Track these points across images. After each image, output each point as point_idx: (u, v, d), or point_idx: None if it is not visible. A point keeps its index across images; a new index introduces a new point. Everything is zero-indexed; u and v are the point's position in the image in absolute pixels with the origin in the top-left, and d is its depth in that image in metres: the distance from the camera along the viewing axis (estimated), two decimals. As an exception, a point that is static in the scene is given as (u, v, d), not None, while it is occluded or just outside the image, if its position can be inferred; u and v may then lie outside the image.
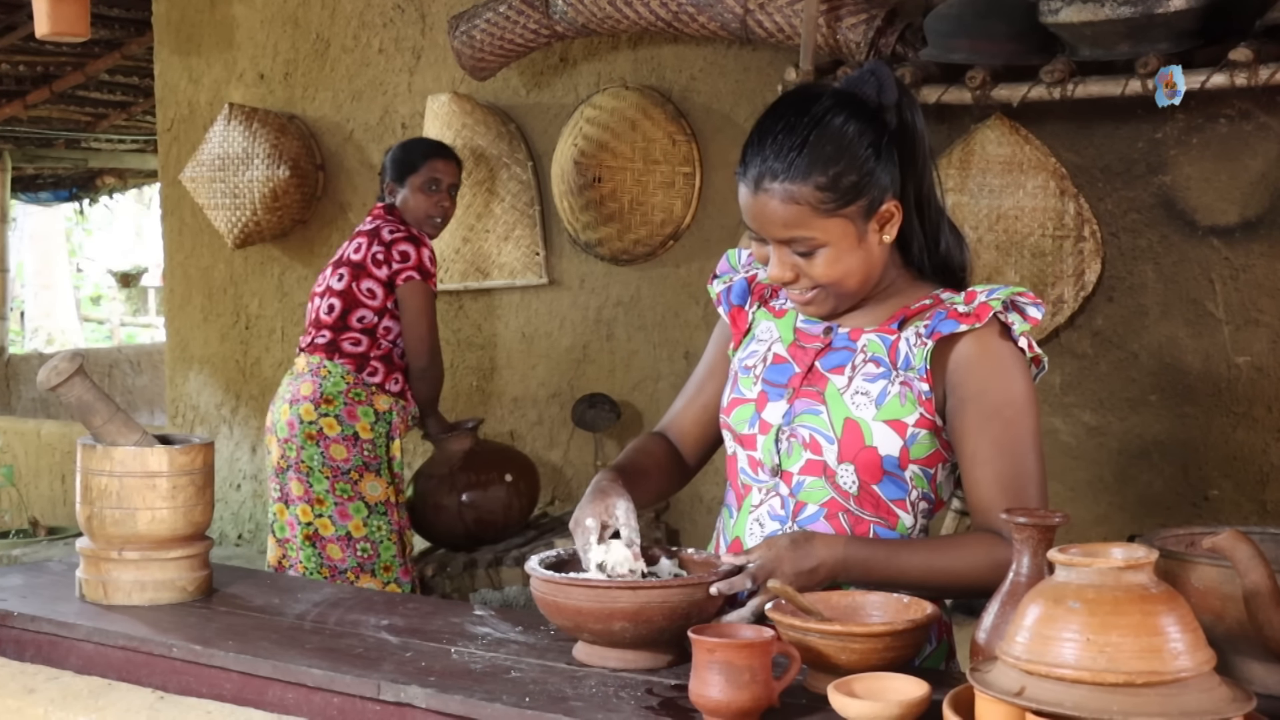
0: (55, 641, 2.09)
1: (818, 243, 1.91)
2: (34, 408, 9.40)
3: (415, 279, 4.14)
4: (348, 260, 4.19)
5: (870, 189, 1.91)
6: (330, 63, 5.62)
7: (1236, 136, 3.85)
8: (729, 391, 2.10)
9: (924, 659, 1.97)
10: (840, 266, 1.93)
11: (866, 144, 1.91)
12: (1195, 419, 3.96)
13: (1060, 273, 4.03)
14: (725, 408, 2.09)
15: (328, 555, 4.06)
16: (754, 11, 4.24)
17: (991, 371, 1.91)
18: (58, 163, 11.09)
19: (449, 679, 1.78)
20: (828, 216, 1.90)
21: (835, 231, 1.91)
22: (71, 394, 2.15)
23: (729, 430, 2.08)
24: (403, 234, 4.17)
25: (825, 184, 1.88)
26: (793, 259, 1.93)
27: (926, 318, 1.95)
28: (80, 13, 5.09)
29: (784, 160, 1.89)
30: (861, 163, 1.90)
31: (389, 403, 4.16)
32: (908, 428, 1.92)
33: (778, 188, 1.89)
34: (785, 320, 2.08)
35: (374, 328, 4.16)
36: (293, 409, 4.12)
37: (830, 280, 1.93)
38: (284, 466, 4.13)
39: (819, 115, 1.91)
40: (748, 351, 2.11)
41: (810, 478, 1.97)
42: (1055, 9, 3.61)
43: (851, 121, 1.91)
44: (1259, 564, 1.56)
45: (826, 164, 1.88)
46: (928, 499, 1.98)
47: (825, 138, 1.89)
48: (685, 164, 4.76)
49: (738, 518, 2.07)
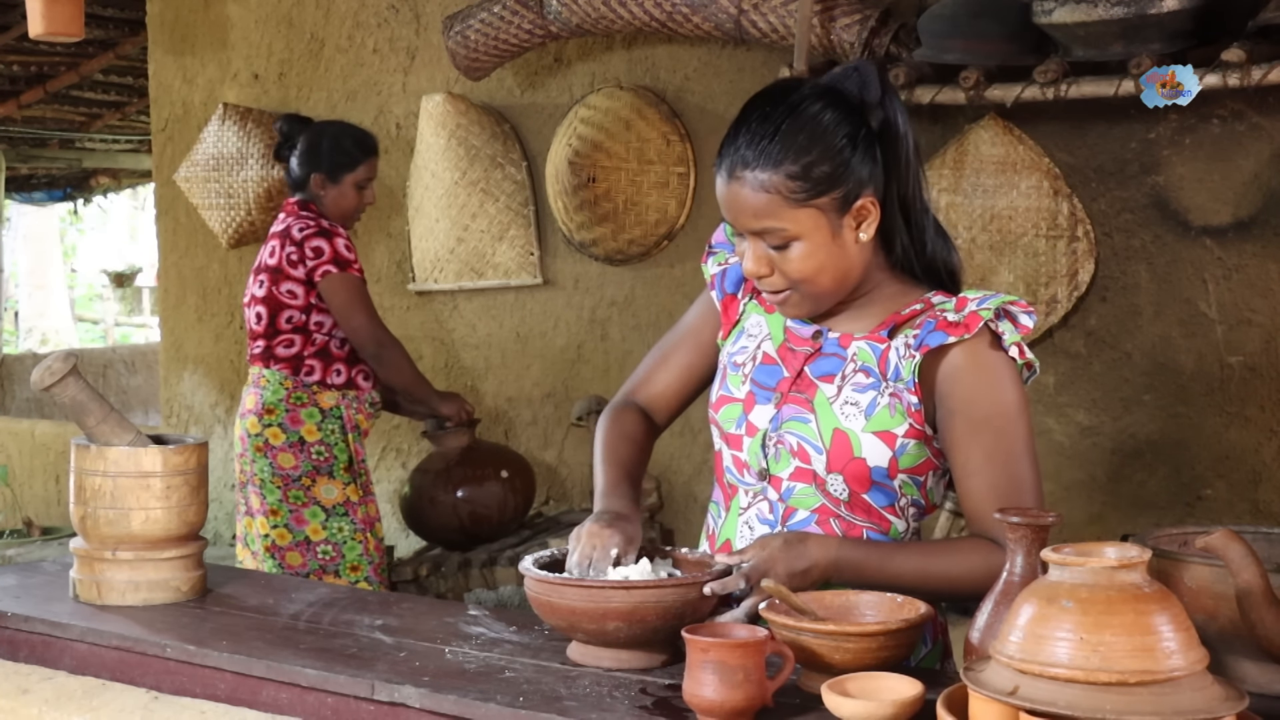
0: (49, 642, 2.09)
1: (790, 234, 1.88)
2: (28, 408, 9.39)
3: (333, 272, 4.01)
4: (265, 266, 4.11)
5: (844, 181, 1.88)
6: (325, 63, 5.62)
7: (1229, 137, 3.85)
8: (718, 387, 2.09)
9: (920, 660, 1.97)
10: (813, 262, 1.90)
11: (842, 135, 1.88)
12: (1188, 418, 3.97)
13: (1054, 273, 4.04)
14: (714, 403, 2.08)
15: (288, 564, 4.04)
16: (748, 12, 4.24)
17: (981, 382, 1.89)
18: (52, 163, 11.08)
19: (443, 679, 1.78)
20: (798, 206, 1.87)
21: (807, 223, 1.88)
22: (65, 394, 2.15)
23: (716, 427, 2.07)
24: (313, 228, 4.04)
25: (797, 173, 1.86)
26: (767, 253, 1.91)
27: (916, 326, 1.93)
28: (74, 13, 5.09)
29: (756, 148, 1.87)
30: (835, 153, 1.87)
31: (334, 398, 4.09)
32: (897, 439, 1.91)
33: (749, 176, 1.87)
34: (776, 317, 2.06)
35: (304, 325, 4.06)
36: (241, 423, 4.12)
37: (803, 277, 1.90)
38: (243, 481, 4.14)
39: (795, 104, 1.88)
40: (737, 346, 2.09)
41: (800, 484, 1.96)
42: (1049, 9, 3.62)
43: (827, 111, 1.88)
44: (1252, 563, 1.57)
45: (799, 153, 1.86)
46: (918, 505, 1.98)
47: (799, 126, 1.87)
48: (680, 164, 4.76)
49: (726, 519, 2.06)
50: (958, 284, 2.03)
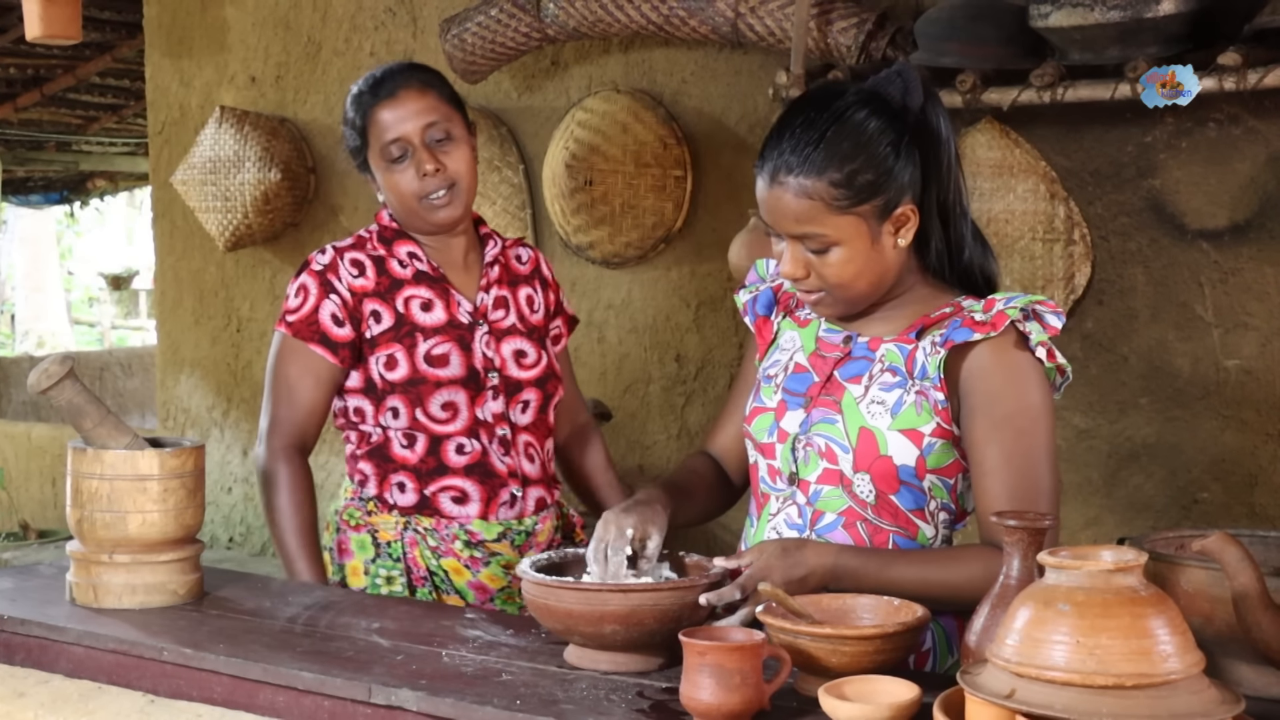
0: (45, 645, 2.09)
1: (830, 240, 1.89)
2: (24, 411, 9.38)
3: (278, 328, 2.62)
4: None
5: (887, 189, 1.88)
6: (322, 66, 5.62)
7: (1225, 141, 3.85)
8: (751, 400, 2.09)
9: (946, 669, 1.95)
10: (852, 267, 1.90)
11: (886, 143, 1.88)
12: (1185, 422, 3.97)
13: (1050, 276, 4.04)
14: (747, 416, 2.08)
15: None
16: (745, 15, 4.24)
17: (1005, 380, 1.88)
18: (49, 165, 11.08)
19: (440, 682, 1.78)
20: (841, 214, 1.87)
21: (848, 230, 1.88)
22: (62, 397, 2.15)
23: (750, 439, 2.07)
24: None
25: (840, 180, 1.86)
26: (805, 256, 1.91)
27: (944, 326, 1.93)
28: (71, 15, 5.10)
29: (800, 154, 1.87)
30: (879, 161, 1.87)
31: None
32: (924, 437, 1.91)
33: (792, 182, 1.87)
34: (808, 330, 2.07)
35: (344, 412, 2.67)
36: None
37: (840, 281, 1.91)
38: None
39: (839, 111, 1.88)
40: (771, 361, 2.09)
41: (827, 487, 1.96)
42: (1045, 13, 3.62)
43: (872, 119, 1.88)
44: (1248, 566, 1.57)
45: (843, 160, 1.86)
46: (948, 509, 1.96)
47: (843, 134, 1.87)
48: (677, 167, 4.76)
49: (758, 527, 2.06)
50: (994, 289, 2.02)
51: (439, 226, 2.59)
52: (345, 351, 2.55)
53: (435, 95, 2.64)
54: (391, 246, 2.62)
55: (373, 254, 2.61)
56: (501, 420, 2.57)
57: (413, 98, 2.59)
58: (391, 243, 2.62)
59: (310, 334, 2.54)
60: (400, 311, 2.56)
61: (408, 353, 2.53)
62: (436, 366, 2.53)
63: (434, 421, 2.53)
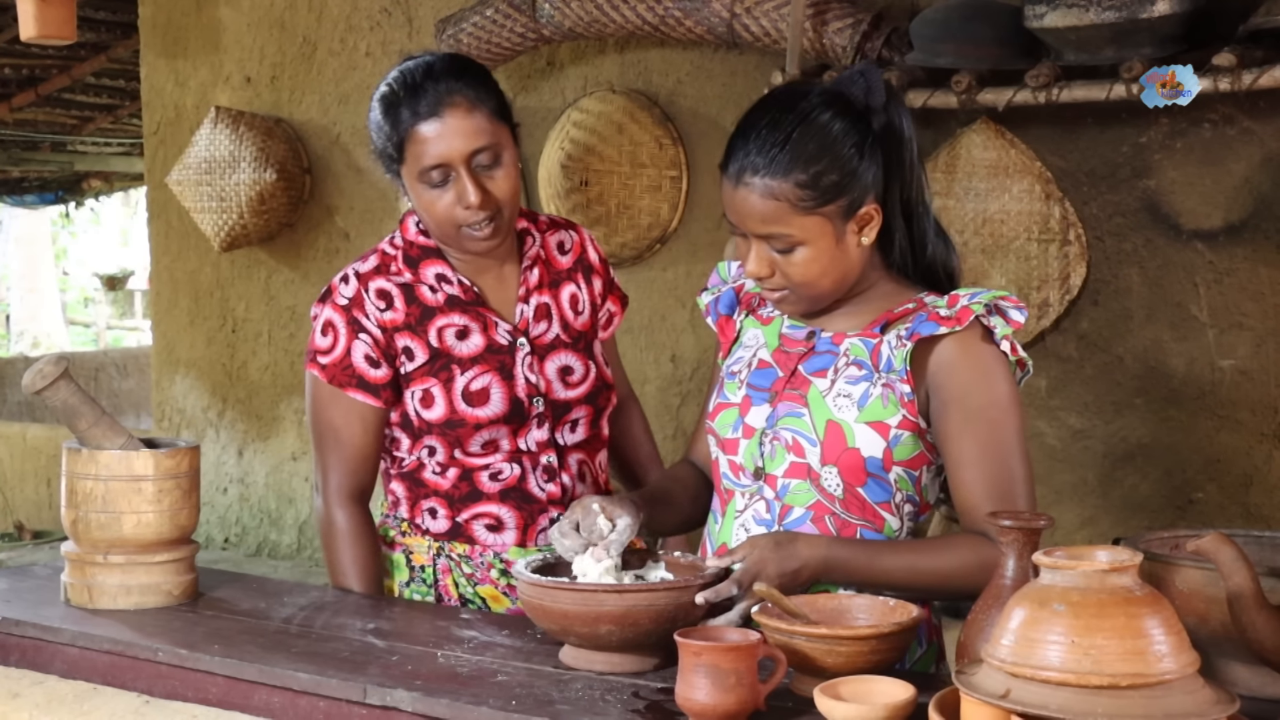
0: (40, 646, 2.09)
1: (795, 240, 1.91)
2: (19, 411, 9.37)
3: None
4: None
5: (851, 189, 1.90)
6: (317, 66, 5.62)
7: (1220, 141, 3.86)
8: (715, 396, 2.11)
9: (914, 662, 1.97)
10: (816, 266, 1.93)
11: (850, 144, 1.90)
12: (1180, 422, 3.98)
13: (1045, 276, 4.04)
14: (710, 412, 2.10)
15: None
16: (740, 15, 4.25)
17: (973, 374, 1.91)
18: (43, 166, 11.06)
19: (435, 682, 1.78)
20: (806, 214, 1.89)
21: (813, 230, 1.90)
22: (57, 397, 2.14)
23: (713, 435, 2.08)
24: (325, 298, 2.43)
25: (806, 181, 1.88)
26: (770, 255, 1.94)
27: (908, 321, 1.96)
28: (66, 16, 5.09)
29: (766, 155, 1.89)
30: (844, 162, 1.89)
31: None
32: (890, 429, 1.93)
33: (758, 183, 1.89)
34: (771, 327, 2.09)
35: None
36: None
37: (805, 280, 1.94)
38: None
39: (804, 112, 1.91)
40: (734, 358, 2.11)
41: (795, 480, 1.97)
42: (1040, 14, 3.63)
43: (836, 120, 1.90)
44: (1243, 567, 1.57)
45: (809, 162, 1.88)
46: (913, 502, 1.99)
47: (809, 135, 1.89)
48: (672, 168, 4.76)
49: (723, 523, 2.07)
50: (956, 285, 2.05)
51: (477, 253, 2.35)
52: (387, 392, 2.34)
53: (484, 114, 2.27)
54: (418, 269, 2.36)
55: (398, 280, 2.36)
56: (547, 448, 2.37)
57: (460, 115, 2.24)
58: (418, 264, 2.36)
59: (347, 379, 2.33)
60: (434, 345, 2.33)
61: (444, 388, 2.32)
62: (476, 405, 2.31)
63: (472, 457, 2.36)
